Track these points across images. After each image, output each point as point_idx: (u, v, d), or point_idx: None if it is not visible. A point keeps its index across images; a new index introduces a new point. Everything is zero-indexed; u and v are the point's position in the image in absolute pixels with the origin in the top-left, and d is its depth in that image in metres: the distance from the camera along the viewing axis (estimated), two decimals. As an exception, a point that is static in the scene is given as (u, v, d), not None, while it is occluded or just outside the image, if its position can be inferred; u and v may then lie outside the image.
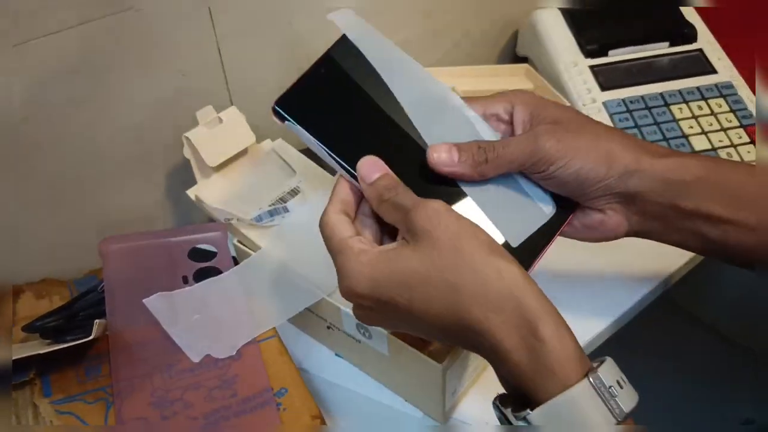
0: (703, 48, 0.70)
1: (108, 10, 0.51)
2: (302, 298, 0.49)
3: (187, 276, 0.49)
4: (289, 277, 0.50)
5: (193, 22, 0.56)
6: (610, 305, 0.55)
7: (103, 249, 0.49)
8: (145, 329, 0.45)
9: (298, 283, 0.49)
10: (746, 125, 0.64)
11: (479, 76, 0.70)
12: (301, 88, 0.40)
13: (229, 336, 0.45)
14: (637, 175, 0.39)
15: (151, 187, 0.61)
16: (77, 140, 0.55)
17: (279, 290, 0.50)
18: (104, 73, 0.53)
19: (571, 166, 0.39)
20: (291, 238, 0.53)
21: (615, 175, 0.39)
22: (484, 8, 0.77)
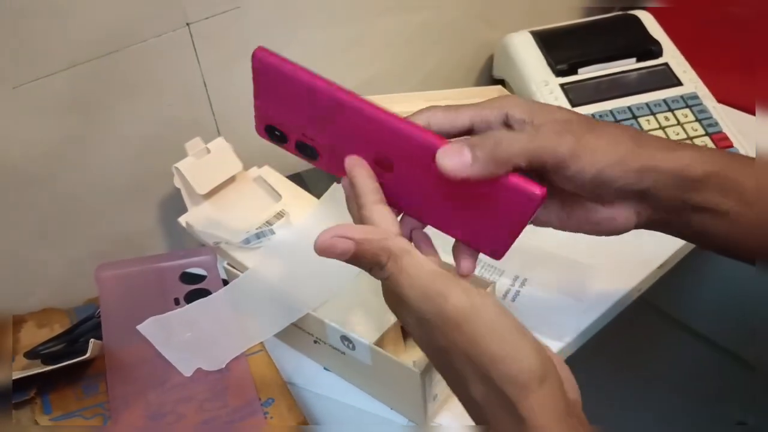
0: (669, 62, 0.73)
1: (97, 52, 0.54)
2: (288, 314, 0.51)
3: (178, 298, 0.52)
4: (275, 295, 0.53)
5: (179, 59, 0.59)
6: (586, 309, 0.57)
7: (98, 275, 0.52)
8: (138, 348, 0.48)
9: (284, 300, 0.52)
10: (711, 133, 0.67)
11: (454, 99, 0.73)
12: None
13: (218, 351, 0.48)
14: (652, 172, 0.38)
15: (145, 216, 0.64)
16: (73, 174, 0.58)
17: (266, 307, 0.52)
18: (96, 110, 0.56)
19: (593, 166, 0.37)
20: (277, 258, 0.55)
21: (632, 175, 0.38)
22: (460, 34, 0.80)
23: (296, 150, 0.40)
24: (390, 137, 0.36)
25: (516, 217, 0.37)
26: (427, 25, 0.76)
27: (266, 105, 0.40)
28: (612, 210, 0.40)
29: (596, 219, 0.40)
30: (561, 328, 0.56)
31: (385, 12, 0.72)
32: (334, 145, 0.39)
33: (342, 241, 0.33)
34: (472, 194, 0.37)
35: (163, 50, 0.58)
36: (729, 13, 0.76)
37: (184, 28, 0.58)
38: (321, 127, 0.38)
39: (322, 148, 0.40)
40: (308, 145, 0.40)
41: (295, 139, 0.40)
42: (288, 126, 0.40)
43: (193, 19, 0.58)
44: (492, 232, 0.38)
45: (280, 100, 0.38)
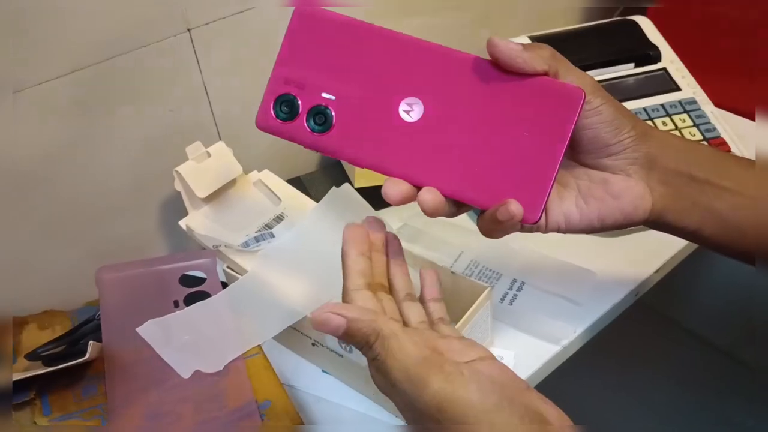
0: (667, 67, 0.73)
1: (98, 57, 0.55)
2: (287, 317, 0.52)
3: (178, 300, 0.53)
4: (274, 298, 0.53)
5: (180, 64, 0.60)
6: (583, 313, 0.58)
7: (99, 277, 0.53)
8: (138, 350, 0.48)
9: (282, 303, 0.52)
10: (709, 138, 0.67)
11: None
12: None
13: (217, 353, 0.48)
14: (653, 138, 0.41)
15: (146, 219, 0.65)
16: (74, 177, 0.58)
17: (264, 310, 0.53)
18: (97, 114, 0.57)
19: (608, 107, 0.39)
20: (276, 261, 0.56)
21: (637, 133, 0.40)
22: (459, 39, 0.80)
23: (306, 123, 0.39)
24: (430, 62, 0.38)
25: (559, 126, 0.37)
26: (426, 31, 0.76)
27: (292, 63, 0.39)
28: (626, 179, 0.41)
29: (615, 190, 0.41)
30: (558, 332, 0.56)
31: (382, 17, 0.72)
32: (359, 93, 0.39)
33: (335, 318, 0.35)
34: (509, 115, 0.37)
35: (164, 55, 0.58)
36: (727, 17, 0.76)
37: (185, 33, 0.59)
38: (351, 70, 0.39)
39: (341, 109, 0.39)
40: (324, 110, 0.39)
41: (309, 106, 0.39)
42: (310, 84, 0.39)
43: (194, 24, 0.59)
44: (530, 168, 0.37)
45: (314, 50, 0.39)
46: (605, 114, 0.39)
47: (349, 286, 0.38)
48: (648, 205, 0.41)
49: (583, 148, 0.41)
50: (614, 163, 0.41)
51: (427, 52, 0.38)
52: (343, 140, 0.39)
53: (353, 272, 0.38)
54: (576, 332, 0.56)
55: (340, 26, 0.39)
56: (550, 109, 0.37)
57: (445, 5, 0.77)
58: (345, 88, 0.39)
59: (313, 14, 0.39)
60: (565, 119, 0.37)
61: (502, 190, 0.37)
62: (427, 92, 0.38)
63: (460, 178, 0.38)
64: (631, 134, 0.40)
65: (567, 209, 0.41)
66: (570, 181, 0.42)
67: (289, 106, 0.39)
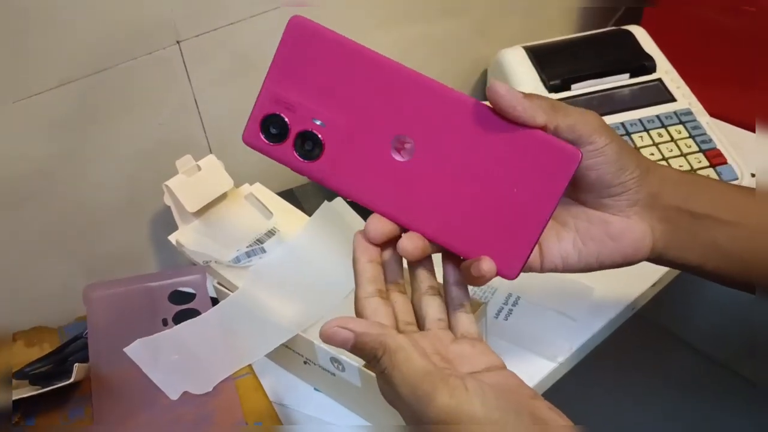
0: (662, 78, 0.73)
1: (86, 70, 0.54)
2: (278, 335, 0.51)
3: (167, 318, 0.52)
4: (265, 315, 0.52)
5: (169, 76, 0.59)
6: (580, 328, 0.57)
7: (86, 295, 0.52)
8: (126, 370, 0.47)
9: (273, 321, 0.51)
10: (705, 150, 0.67)
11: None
12: None
13: (206, 374, 0.47)
14: (654, 175, 0.40)
15: (136, 233, 0.64)
16: (63, 192, 0.57)
17: (255, 328, 0.52)
18: (86, 128, 0.56)
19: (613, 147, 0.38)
20: (267, 277, 0.55)
21: (640, 173, 0.39)
22: (454, 49, 0.80)
23: (293, 147, 0.38)
24: (427, 100, 0.36)
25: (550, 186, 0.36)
26: (422, 40, 0.76)
27: (283, 81, 0.37)
28: (628, 220, 0.40)
29: (614, 232, 0.40)
30: (554, 348, 0.55)
31: (378, 26, 0.71)
32: (351, 124, 0.37)
33: (343, 332, 0.35)
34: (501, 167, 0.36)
35: (154, 68, 0.58)
36: (721, 26, 0.75)
37: (175, 45, 0.58)
38: (345, 98, 0.37)
39: (331, 137, 0.37)
40: (313, 135, 0.37)
41: (298, 130, 0.37)
42: (300, 106, 0.37)
43: (183, 36, 0.58)
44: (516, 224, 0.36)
45: (307, 69, 0.37)
46: (609, 155, 0.38)
47: (360, 294, 0.38)
48: (649, 244, 0.41)
49: (584, 188, 0.40)
50: (615, 204, 0.40)
51: (425, 89, 0.36)
52: (331, 169, 0.38)
53: (363, 279, 0.38)
54: (572, 348, 0.56)
55: (337, 47, 0.36)
56: (544, 167, 0.35)
57: (443, 14, 0.76)
58: (337, 116, 0.37)
59: (308, 28, 0.37)
60: (557, 180, 0.36)
61: (483, 242, 0.37)
62: (420, 132, 0.36)
63: (443, 223, 0.37)
64: (634, 175, 0.39)
65: (565, 250, 0.41)
66: (568, 221, 0.41)
67: (278, 127, 0.38)
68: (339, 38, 0.37)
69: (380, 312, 0.37)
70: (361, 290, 0.38)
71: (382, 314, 0.37)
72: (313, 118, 0.37)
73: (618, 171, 0.38)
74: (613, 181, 0.39)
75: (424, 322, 0.39)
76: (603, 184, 0.39)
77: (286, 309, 0.52)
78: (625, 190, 0.39)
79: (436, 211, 0.37)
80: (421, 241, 0.37)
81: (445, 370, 0.34)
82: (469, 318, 0.39)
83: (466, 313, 0.39)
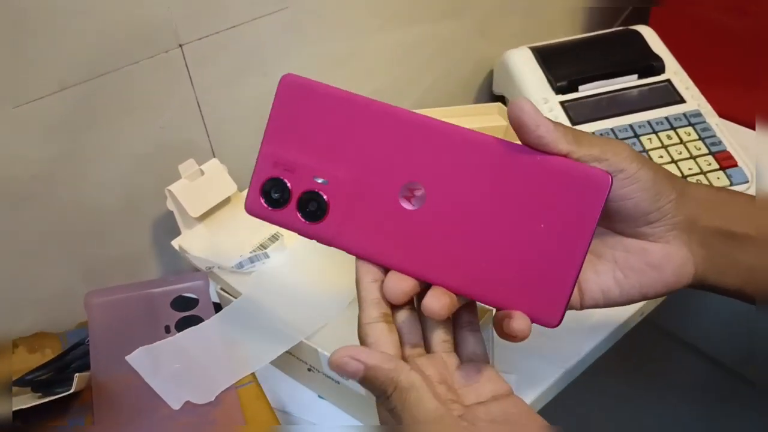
0: (671, 79, 0.72)
1: (87, 74, 0.53)
2: (282, 342, 0.50)
3: (169, 325, 0.51)
4: (268, 322, 0.51)
5: (172, 80, 0.58)
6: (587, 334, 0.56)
7: (87, 302, 0.51)
8: (127, 378, 0.47)
9: (277, 327, 0.51)
10: (715, 152, 0.66)
11: (453, 117, 0.72)
12: None
13: (208, 383, 0.47)
14: (691, 196, 0.38)
15: (138, 238, 0.63)
16: (64, 196, 0.57)
17: (259, 335, 0.51)
18: (87, 132, 0.56)
19: (650, 169, 0.35)
20: (271, 283, 0.54)
21: (677, 196, 0.37)
22: (459, 49, 0.79)
23: (297, 209, 0.36)
24: (432, 141, 0.34)
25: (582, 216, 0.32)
26: (426, 40, 0.75)
27: (280, 142, 0.36)
28: (668, 246, 0.38)
29: (655, 260, 0.38)
30: (562, 355, 0.54)
31: (382, 26, 0.71)
32: (355, 177, 0.35)
33: (353, 363, 0.33)
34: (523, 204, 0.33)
35: (156, 71, 0.57)
36: (730, 26, 0.74)
37: (177, 49, 0.57)
38: (345, 152, 0.35)
39: (335, 194, 0.36)
40: (316, 195, 0.36)
41: (301, 191, 0.36)
42: (300, 166, 0.36)
43: (185, 39, 0.57)
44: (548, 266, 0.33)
45: (304, 127, 0.35)
46: (644, 181, 0.35)
47: (363, 320, 0.36)
48: (690, 270, 0.38)
49: (620, 218, 0.37)
50: (653, 231, 0.37)
51: (428, 129, 0.34)
52: (339, 228, 0.36)
53: (367, 303, 0.36)
54: (580, 354, 0.55)
55: (332, 100, 0.35)
56: (572, 198, 0.32)
57: (446, 15, 0.75)
58: (338, 171, 0.35)
59: (302, 86, 0.35)
60: (589, 210, 0.32)
61: (516, 289, 0.34)
62: (429, 176, 0.34)
63: (468, 273, 0.34)
64: (671, 198, 0.36)
65: (605, 284, 0.38)
66: (605, 252, 0.39)
67: (279, 191, 0.36)
68: (333, 91, 0.35)
69: (385, 340, 0.35)
70: (364, 315, 0.36)
71: (387, 342, 0.35)
72: (314, 177, 0.36)
73: (655, 197, 0.36)
74: (650, 208, 0.36)
75: (430, 343, 0.37)
76: (640, 211, 0.36)
77: (289, 315, 0.52)
78: (662, 215, 0.37)
79: (459, 260, 0.34)
80: (447, 298, 0.34)
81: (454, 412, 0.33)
82: (476, 338, 0.38)
83: (472, 332, 0.38)
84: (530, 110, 0.32)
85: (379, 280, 0.36)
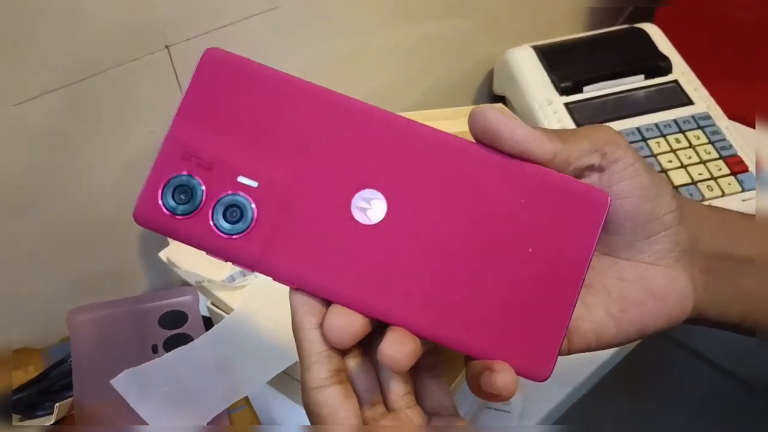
0: (679, 79, 0.70)
1: (69, 79, 0.50)
2: (277, 362, 0.48)
3: (156, 345, 0.48)
4: (262, 340, 0.49)
5: (159, 83, 0.56)
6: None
7: (70, 320, 0.48)
8: (112, 403, 0.44)
9: (272, 345, 0.48)
10: (725, 156, 0.64)
11: (453, 118, 0.69)
12: None
13: (199, 408, 0.44)
14: (689, 209, 0.32)
15: (125, 250, 0.61)
16: (48, 206, 0.54)
17: (252, 354, 0.48)
18: (71, 139, 0.53)
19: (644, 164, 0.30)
20: (264, 297, 0.52)
21: (678, 207, 0.31)
22: (460, 48, 0.77)
23: (212, 220, 0.27)
24: (395, 142, 0.27)
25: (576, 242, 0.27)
26: (427, 39, 0.73)
27: (194, 130, 0.27)
28: (670, 270, 0.31)
29: (657, 289, 0.31)
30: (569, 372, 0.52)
31: (383, 25, 0.68)
32: (295, 182, 0.27)
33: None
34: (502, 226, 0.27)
35: (142, 74, 0.54)
36: (739, 24, 0.72)
37: (164, 50, 0.54)
38: (281, 147, 0.27)
39: (265, 202, 0.27)
40: (240, 201, 0.27)
41: (218, 195, 0.27)
42: (221, 163, 0.27)
43: (173, 40, 0.54)
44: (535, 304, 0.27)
45: (228, 113, 0.27)
46: (643, 175, 0.29)
47: (310, 383, 0.27)
48: (691, 303, 0.32)
49: (615, 227, 0.30)
50: (653, 248, 0.31)
51: (391, 127, 0.27)
52: (266, 247, 0.27)
53: (312, 359, 0.27)
54: (588, 371, 0.53)
55: (267, 82, 0.27)
56: (564, 220, 0.27)
57: (447, 12, 0.73)
58: (271, 170, 0.27)
59: (229, 62, 0.27)
60: (584, 234, 0.27)
61: (496, 333, 0.27)
62: (391, 183, 0.27)
63: (437, 312, 0.27)
64: (672, 208, 0.30)
65: (599, 321, 0.31)
66: (593, 282, 0.31)
67: (187, 193, 0.27)
68: (269, 72, 0.27)
69: (344, 409, 0.27)
70: (311, 377, 0.27)
71: (347, 411, 0.27)
72: (238, 177, 0.27)
73: (655, 200, 0.30)
74: (651, 213, 0.30)
75: (388, 398, 0.30)
76: (639, 217, 0.30)
77: (285, 332, 0.49)
78: (664, 228, 0.30)
79: (426, 293, 0.27)
80: (412, 344, 0.26)
81: None
82: (440, 386, 0.31)
83: (435, 378, 0.31)
84: (495, 116, 0.27)
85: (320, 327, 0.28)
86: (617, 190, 0.29)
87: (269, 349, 0.48)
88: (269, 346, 0.48)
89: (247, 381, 0.47)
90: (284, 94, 0.27)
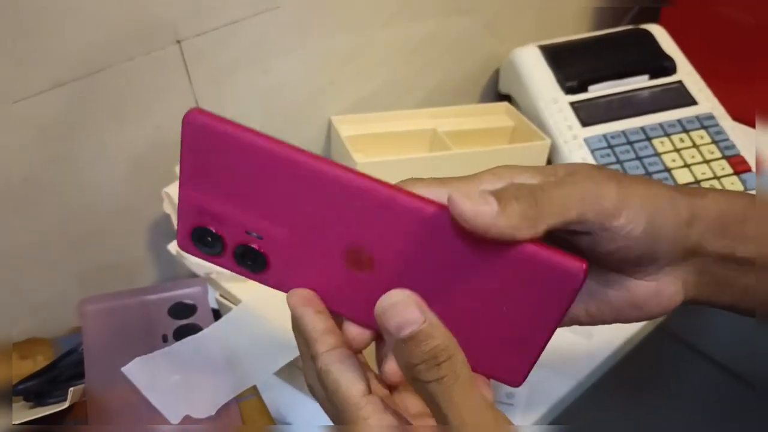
0: (683, 80, 0.70)
1: (80, 72, 0.51)
2: (285, 352, 0.48)
3: (166, 334, 0.49)
4: (271, 330, 0.50)
5: (169, 77, 0.56)
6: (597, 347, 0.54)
7: (81, 310, 0.49)
8: (123, 391, 0.44)
9: (279, 336, 0.49)
10: (729, 156, 0.64)
11: (459, 116, 0.70)
12: None
13: (208, 396, 0.45)
14: (701, 215, 0.31)
15: (133, 242, 0.61)
16: (57, 199, 0.55)
17: (260, 345, 0.49)
18: (81, 132, 0.53)
19: (644, 210, 0.29)
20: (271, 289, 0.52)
21: (682, 223, 0.31)
22: (466, 47, 0.77)
23: (235, 262, 0.32)
24: (378, 212, 0.29)
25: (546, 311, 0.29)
26: (432, 37, 0.73)
27: (199, 191, 0.30)
28: (657, 284, 0.32)
29: (639, 300, 0.32)
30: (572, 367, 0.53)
31: (388, 23, 0.69)
32: (292, 238, 0.30)
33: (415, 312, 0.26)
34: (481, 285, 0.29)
35: (153, 69, 0.55)
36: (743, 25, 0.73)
37: (175, 45, 0.55)
38: (277, 211, 0.30)
39: (273, 250, 0.31)
40: (253, 251, 0.31)
41: (235, 244, 0.31)
42: (228, 221, 0.31)
43: (184, 36, 0.55)
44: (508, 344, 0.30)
45: (223, 177, 0.30)
46: (636, 234, 0.29)
47: (320, 348, 0.29)
48: (679, 300, 0.33)
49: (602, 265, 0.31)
50: (643, 270, 0.31)
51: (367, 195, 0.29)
52: (285, 279, 0.32)
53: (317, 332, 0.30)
54: (591, 367, 0.53)
55: (247, 149, 0.29)
56: (536, 288, 0.28)
57: (452, 11, 0.73)
58: (271, 228, 0.30)
59: (209, 129, 0.29)
60: (554, 304, 0.29)
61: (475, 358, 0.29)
62: (376, 245, 0.30)
63: None
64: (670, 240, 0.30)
65: (574, 314, 0.33)
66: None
67: (211, 240, 0.31)
68: (247, 138, 0.29)
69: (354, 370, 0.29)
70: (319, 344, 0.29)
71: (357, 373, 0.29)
72: (246, 231, 0.31)
73: (652, 246, 0.30)
74: (644, 255, 0.30)
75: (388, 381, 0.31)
76: (629, 262, 0.31)
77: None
78: (657, 258, 0.31)
79: None
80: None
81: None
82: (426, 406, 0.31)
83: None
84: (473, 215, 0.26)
85: (322, 312, 0.31)
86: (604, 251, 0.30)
87: (277, 340, 0.49)
88: (277, 337, 0.49)
89: (255, 371, 0.48)
90: (264, 162, 0.29)
